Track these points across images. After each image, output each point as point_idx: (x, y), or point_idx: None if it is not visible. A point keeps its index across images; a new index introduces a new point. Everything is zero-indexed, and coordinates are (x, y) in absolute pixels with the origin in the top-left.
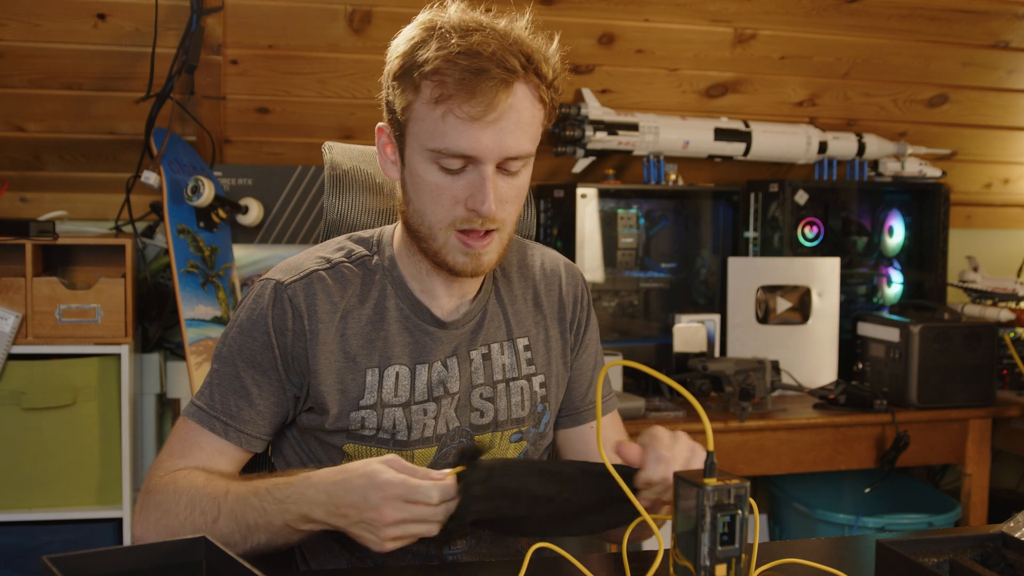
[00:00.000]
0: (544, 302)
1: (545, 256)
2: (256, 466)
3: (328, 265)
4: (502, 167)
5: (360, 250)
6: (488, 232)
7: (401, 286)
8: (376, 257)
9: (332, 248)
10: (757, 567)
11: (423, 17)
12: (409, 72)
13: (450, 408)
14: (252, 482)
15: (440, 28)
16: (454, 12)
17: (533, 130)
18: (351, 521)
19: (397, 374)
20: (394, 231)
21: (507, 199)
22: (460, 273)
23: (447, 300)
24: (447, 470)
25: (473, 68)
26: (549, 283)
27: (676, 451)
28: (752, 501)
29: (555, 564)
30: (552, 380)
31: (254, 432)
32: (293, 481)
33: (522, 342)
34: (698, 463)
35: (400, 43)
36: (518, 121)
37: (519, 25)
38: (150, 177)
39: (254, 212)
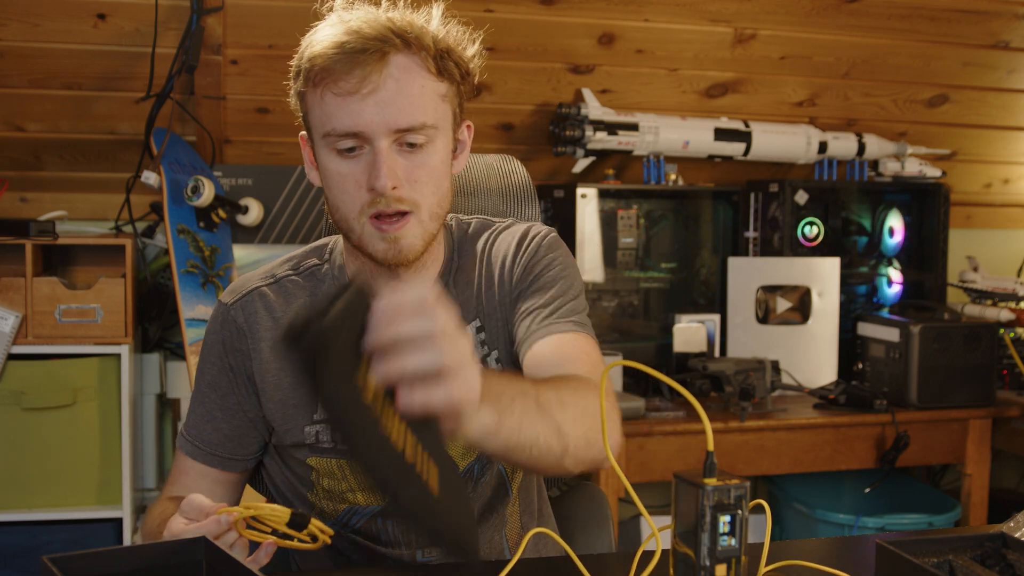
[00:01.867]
0: (496, 276)
1: (509, 231)
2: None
3: (272, 280)
4: (401, 143)
5: (310, 261)
6: (403, 215)
7: None
8: (326, 265)
9: (280, 262)
10: (758, 568)
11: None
12: (297, 66)
13: None
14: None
15: (323, 21)
16: (339, 2)
17: (425, 101)
18: None
19: None
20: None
21: (415, 178)
22: (384, 261)
23: None
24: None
25: (345, 45)
26: (504, 257)
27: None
28: (764, 503)
29: (555, 563)
30: (503, 348)
31: (226, 454)
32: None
33: (474, 324)
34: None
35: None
36: (401, 92)
37: (400, 10)
38: (150, 177)
39: (254, 212)
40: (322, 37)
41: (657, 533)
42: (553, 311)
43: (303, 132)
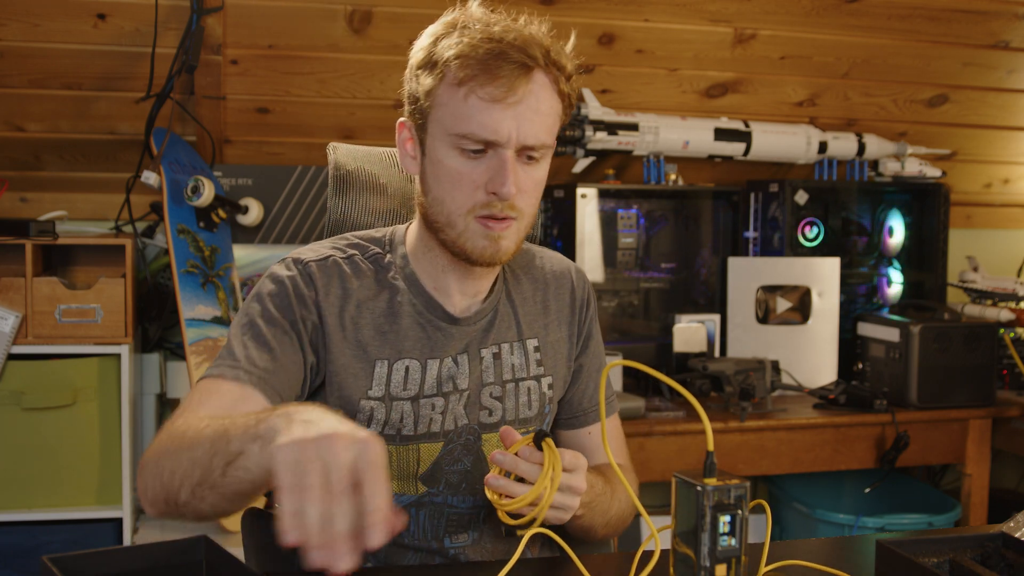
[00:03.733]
0: (552, 305)
1: (552, 259)
2: None
3: (344, 255)
4: (521, 155)
5: (373, 248)
6: (508, 219)
7: (414, 283)
8: (389, 255)
9: (344, 243)
10: (758, 568)
11: (445, 18)
12: (433, 59)
13: (459, 404)
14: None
15: (462, 22)
16: (476, 7)
17: (551, 121)
18: (297, 429)
19: (407, 368)
20: (406, 231)
21: (525, 189)
22: (478, 260)
23: (460, 298)
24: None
25: (495, 51)
26: (559, 286)
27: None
28: (764, 503)
29: (554, 564)
30: (558, 383)
31: (278, 384)
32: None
33: (532, 343)
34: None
35: (423, 39)
36: (537, 109)
37: (537, 26)
38: (150, 177)
39: (254, 212)
40: (468, 37)
41: (656, 533)
42: (608, 392)
43: (403, 119)
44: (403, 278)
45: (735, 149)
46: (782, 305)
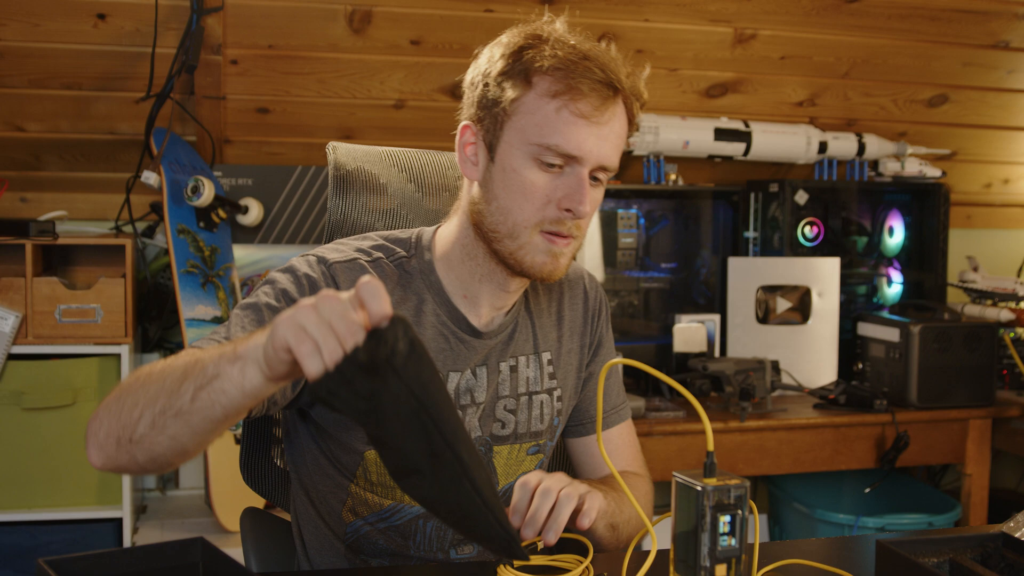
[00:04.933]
0: (566, 315)
1: (569, 268)
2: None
3: (369, 258)
4: (592, 175)
5: (398, 251)
6: (571, 236)
7: (439, 292)
8: (414, 259)
9: (371, 245)
10: (759, 568)
11: (519, 29)
12: (521, 68)
13: (474, 417)
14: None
15: (551, 34)
16: (560, 24)
17: (621, 147)
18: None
19: None
20: (434, 234)
21: (592, 207)
22: (535, 274)
23: (487, 310)
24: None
25: (590, 70)
26: (572, 295)
27: (532, 478)
28: (752, 503)
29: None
30: (567, 394)
31: None
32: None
33: (546, 356)
34: (555, 481)
35: (501, 48)
36: (617, 132)
37: (612, 47)
38: (150, 177)
39: (254, 212)
40: (563, 52)
41: (653, 532)
42: (617, 400)
43: (467, 123)
44: (427, 286)
45: (735, 149)
46: (782, 305)
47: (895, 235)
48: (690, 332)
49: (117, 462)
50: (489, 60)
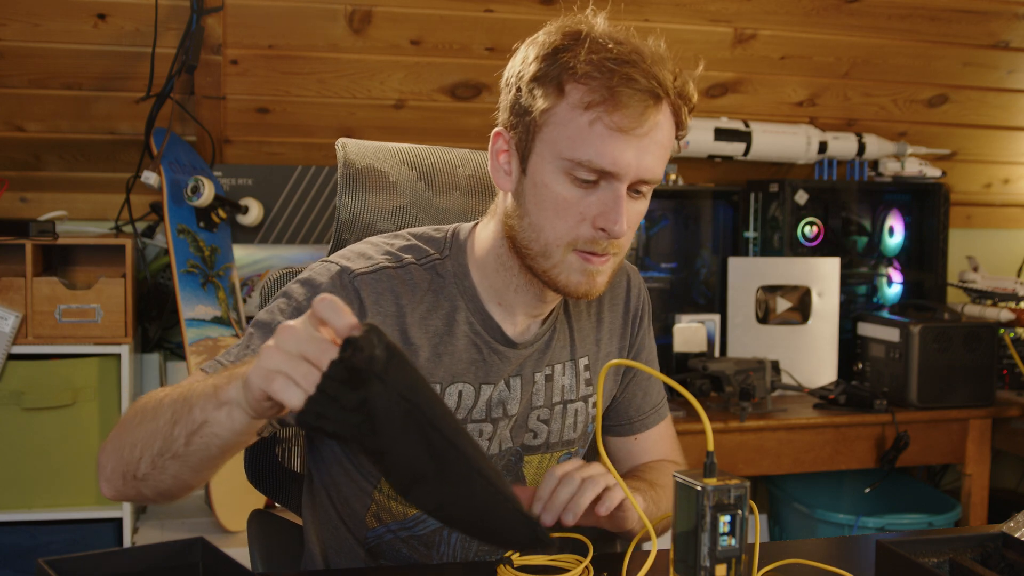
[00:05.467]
0: (606, 316)
1: None
2: (276, 476)
3: (398, 264)
4: (632, 188)
5: (431, 252)
6: (608, 254)
7: (473, 299)
8: (448, 261)
9: (401, 246)
10: (759, 568)
11: (559, 25)
12: (554, 74)
13: (505, 429)
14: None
15: (588, 34)
16: (601, 21)
17: (666, 156)
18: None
19: (460, 392)
20: (472, 233)
21: (631, 224)
22: (572, 294)
23: (523, 319)
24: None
25: (628, 76)
26: (614, 295)
27: (559, 468)
28: (752, 503)
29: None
30: (603, 398)
31: None
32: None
33: (583, 362)
34: (585, 472)
35: (536, 48)
36: (660, 142)
37: (664, 48)
38: (150, 177)
39: (254, 212)
40: (598, 56)
41: (653, 533)
42: (657, 399)
43: (500, 129)
44: (461, 292)
45: (735, 149)
46: (782, 305)
47: (895, 235)
48: (690, 332)
49: (126, 495)
50: (524, 61)
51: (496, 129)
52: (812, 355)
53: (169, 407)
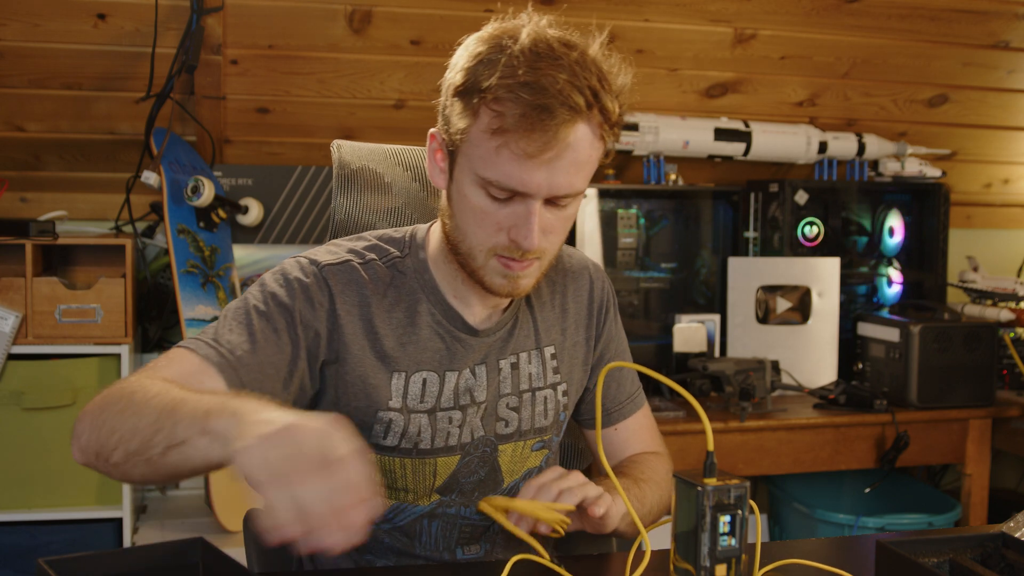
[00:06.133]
0: (571, 307)
1: (572, 257)
2: None
3: (362, 261)
4: (551, 201)
5: (392, 251)
6: (529, 259)
7: (434, 291)
8: (408, 259)
9: (364, 246)
10: (759, 568)
11: (492, 29)
12: (470, 93)
13: (476, 417)
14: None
15: (508, 50)
16: (526, 34)
17: (589, 168)
18: (271, 453)
19: (424, 380)
20: (428, 232)
21: (552, 230)
22: (497, 294)
23: (481, 308)
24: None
25: (536, 104)
26: (577, 287)
27: (537, 479)
28: (752, 503)
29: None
30: (572, 388)
31: (246, 377)
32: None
33: (549, 351)
34: (567, 482)
35: (464, 56)
36: (574, 160)
37: (594, 48)
38: (150, 177)
39: (254, 212)
40: (510, 79)
41: (645, 534)
42: (632, 389)
43: (435, 130)
44: (421, 286)
45: (735, 149)
46: (782, 305)
47: (895, 235)
48: (690, 332)
49: (96, 468)
50: (453, 68)
51: (432, 130)
52: (812, 355)
53: (155, 410)
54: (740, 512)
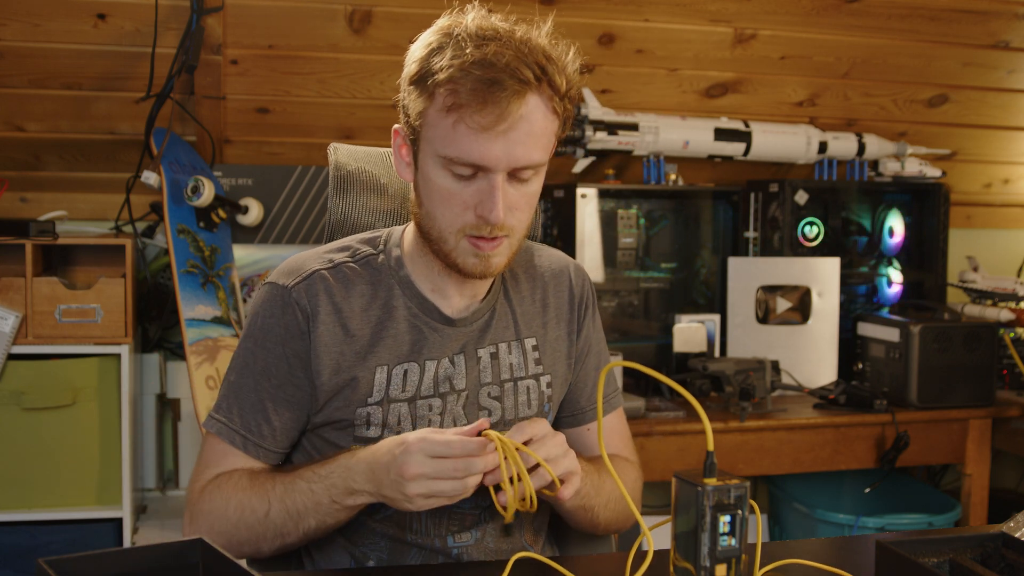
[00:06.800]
0: (552, 303)
1: (551, 257)
2: None
3: (331, 265)
4: (513, 175)
5: (366, 249)
6: (498, 237)
7: (408, 286)
8: (382, 256)
9: (336, 248)
10: (759, 568)
11: (442, 22)
12: (424, 79)
13: (457, 406)
14: (297, 469)
15: (456, 35)
16: (472, 19)
17: (545, 140)
18: (385, 483)
19: (406, 371)
20: (403, 232)
21: (517, 206)
22: (470, 275)
23: (458, 299)
24: (474, 425)
25: (486, 79)
26: (557, 284)
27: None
28: (753, 503)
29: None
30: (557, 381)
31: (272, 447)
32: (338, 457)
33: (530, 342)
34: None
35: (418, 48)
36: (529, 132)
37: (538, 33)
38: (150, 177)
39: (254, 212)
40: (459, 60)
41: (648, 533)
42: (608, 390)
43: (398, 126)
44: (397, 281)
45: (735, 149)
46: (782, 305)
47: (895, 235)
48: (690, 332)
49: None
50: (408, 61)
51: (395, 126)
52: (812, 355)
53: (275, 521)
54: (740, 512)
